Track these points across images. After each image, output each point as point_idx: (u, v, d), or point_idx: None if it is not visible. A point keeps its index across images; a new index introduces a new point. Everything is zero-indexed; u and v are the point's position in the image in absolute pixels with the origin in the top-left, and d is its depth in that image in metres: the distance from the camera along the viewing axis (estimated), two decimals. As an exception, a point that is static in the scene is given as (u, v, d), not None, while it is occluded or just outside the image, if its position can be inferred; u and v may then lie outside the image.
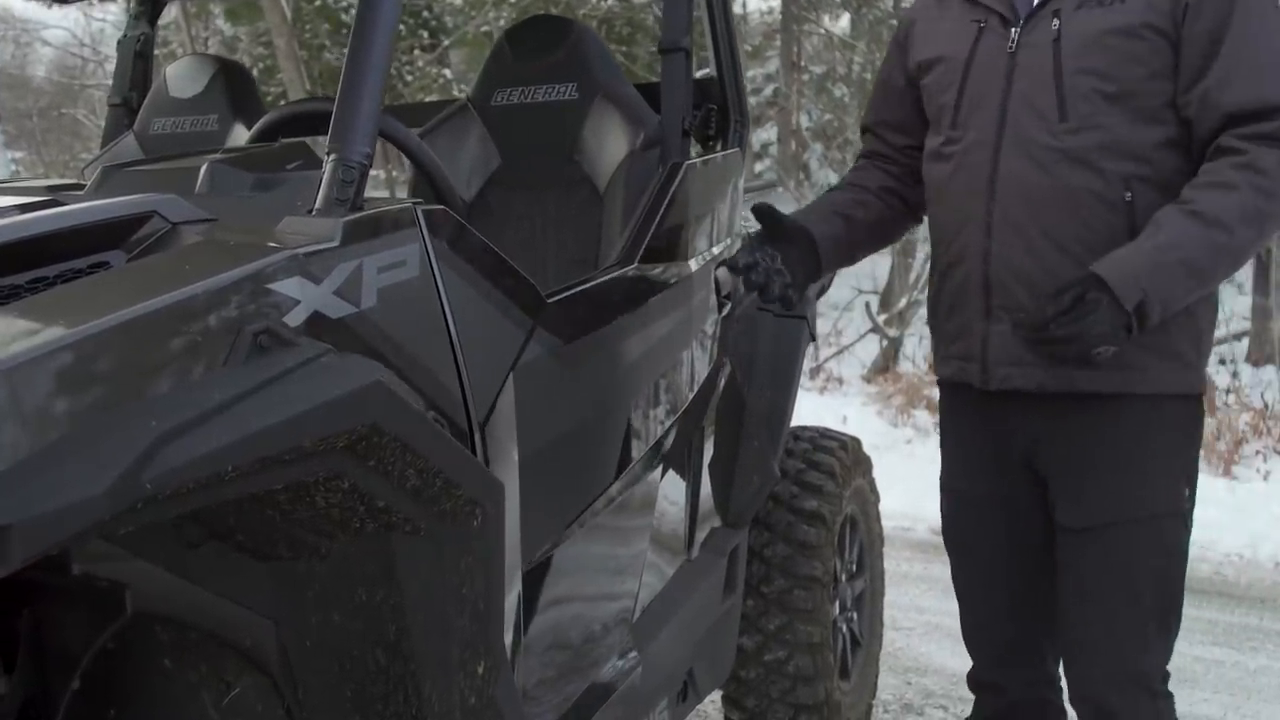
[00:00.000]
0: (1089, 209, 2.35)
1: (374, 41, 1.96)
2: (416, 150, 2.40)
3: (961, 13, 2.54)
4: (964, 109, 2.49)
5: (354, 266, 1.79)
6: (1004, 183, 2.41)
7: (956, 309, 2.54)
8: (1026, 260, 2.39)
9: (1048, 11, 2.41)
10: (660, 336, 2.75)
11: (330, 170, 1.88)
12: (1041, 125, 2.38)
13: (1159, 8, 2.31)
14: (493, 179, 3.29)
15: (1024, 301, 2.37)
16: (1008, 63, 2.43)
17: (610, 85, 3.20)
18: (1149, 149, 2.34)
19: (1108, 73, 2.33)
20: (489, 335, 2.10)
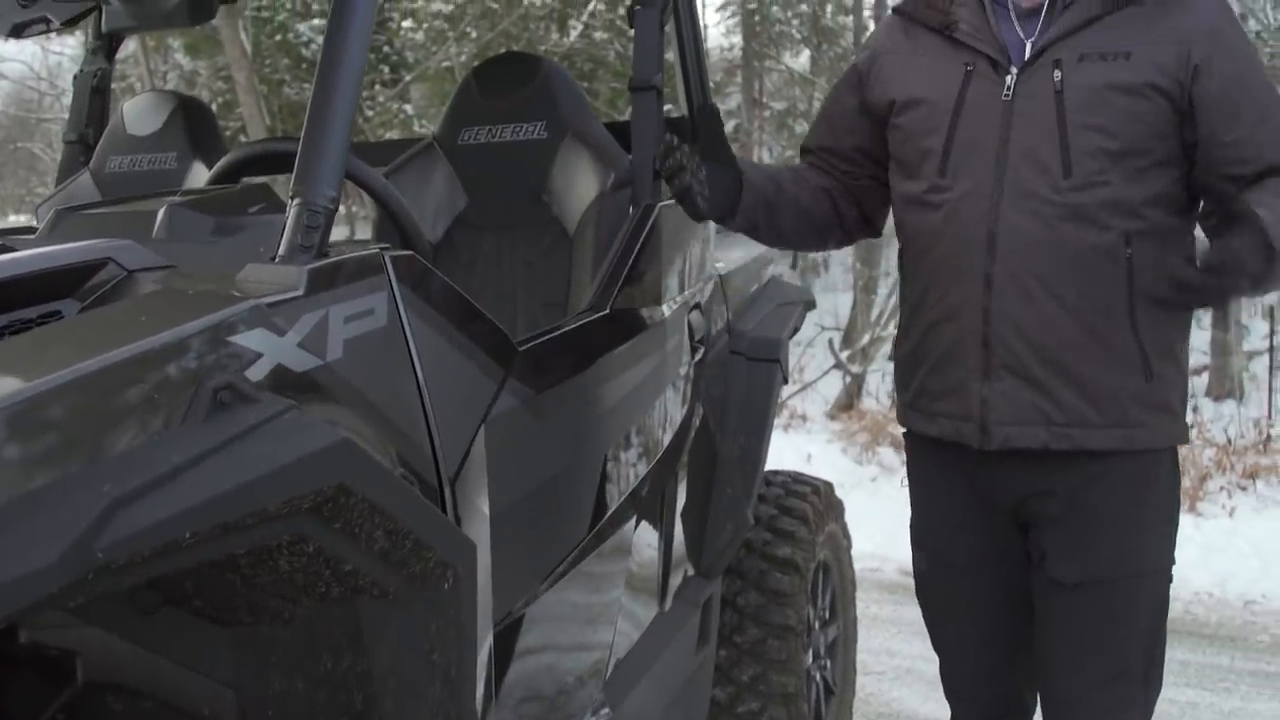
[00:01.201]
0: (1092, 265, 2.29)
1: (340, 82, 1.89)
2: (382, 192, 2.33)
3: (942, 51, 2.44)
4: (953, 157, 2.39)
5: (319, 316, 1.71)
6: (1005, 238, 2.32)
7: (946, 365, 2.44)
8: (1029, 318, 2.32)
9: (1047, 61, 2.32)
10: (634, 384, 2.67)
11: (294, 215, 1.80)
12: (1045, 180, 2.30)
13: (1165, 68, 2.26)
14: (459, 219, 3.22)
15: (1027, 360, 2.32)
16: (1003, 111, 2.34)
17: (580, 124, 3.13)
18: (1146, 205, 2.30)
19: (1112, 130, 2.27)
20: (459, 386, 2.02)
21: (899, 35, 2.55)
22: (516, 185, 3.14)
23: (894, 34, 2.57)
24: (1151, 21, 2.29)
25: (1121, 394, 2.33)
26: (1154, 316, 2.31)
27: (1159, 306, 2.30)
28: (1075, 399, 2.33)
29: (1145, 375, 2.32)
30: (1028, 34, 2.37)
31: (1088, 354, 2.31)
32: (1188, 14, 2.29)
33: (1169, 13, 2.29)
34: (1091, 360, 2.31)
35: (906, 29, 2.53)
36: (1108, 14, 2.31)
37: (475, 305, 2.07)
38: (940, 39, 2.45)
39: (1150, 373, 2.32)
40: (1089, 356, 2.31)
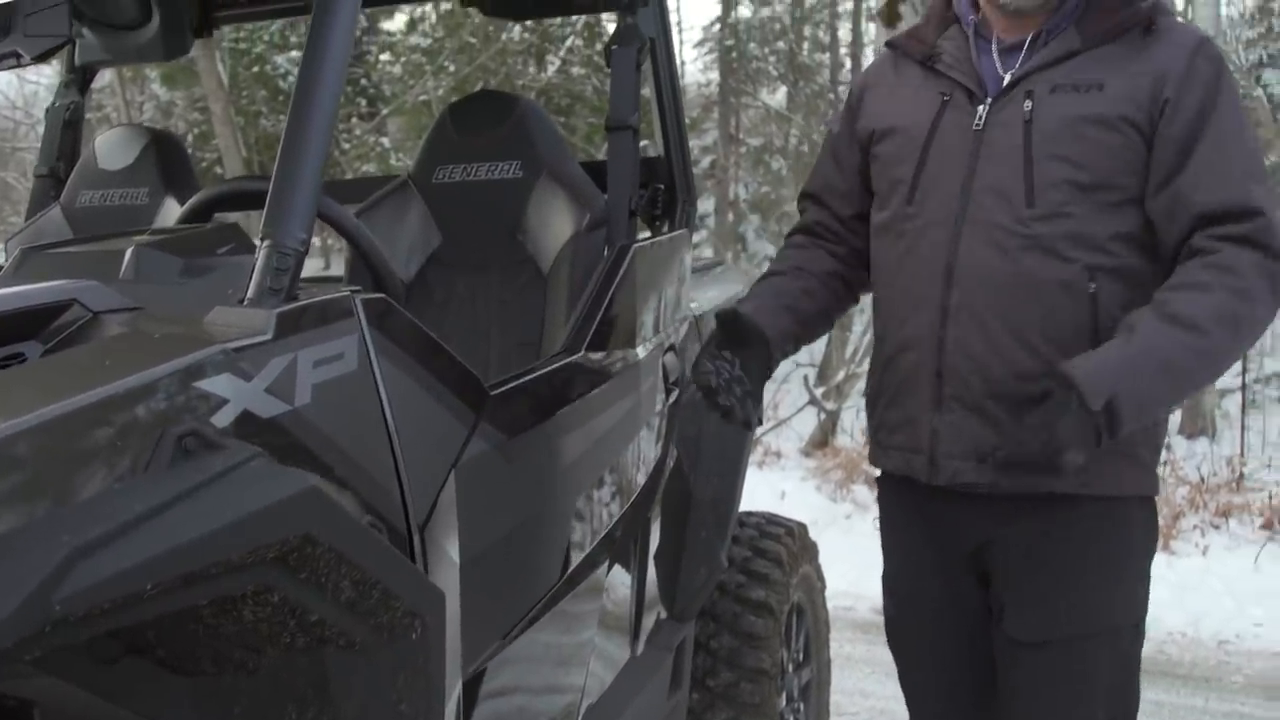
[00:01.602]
0: (1052, 299, 2.24)
1: (313, 122, 1.87)
2: (355, 232, 2.31)
3: (923, 82, 2.43)
4: (921, 186, 2.37)
5: (288, 361, 1.68)
6: (964, 268, 2.29)
7: (902, 397, 2.41)
8: (984, 349, 2.28)
9: (1019, 92, 2.30)
10: (608, 427, 2.65)
11: (264, 257, 1.78)
12: (1007, 210, 2.26)
13: (1138, 102, 2.23)
14: (433, 258, 3.20)
15: (979, 393, 2.28)
16: (973, 141, 2.32)
17: (555, 163, 3.12)
18: (1113, 241, 2.25)
19: (1081, 161, 2.24)
20: (430, 431, 1.99)
21: (887, 68, 2.55)
22: (491, 224, 3.12)
23: (883, 67, 2.57)
24: (1131, 55, 2.26)
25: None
26: None
27: None
28: (1024, 434, 2.22)
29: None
30: (1007, 67, 2.35)
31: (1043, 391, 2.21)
32: (1167, 48, 2.26)
33: (1149, 46, 2.27)
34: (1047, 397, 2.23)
35: (895, 62, 2.53)
36: (1089, 49, 2.28)
37: (447, 349, 2.05)
38: (923, 70, 2.44)
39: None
40: (1044, 393, 2.20)
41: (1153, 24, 2.27)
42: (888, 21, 8.98)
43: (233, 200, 2.58)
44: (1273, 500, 8.16)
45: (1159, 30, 2.27)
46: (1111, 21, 2.28)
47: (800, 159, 18.26)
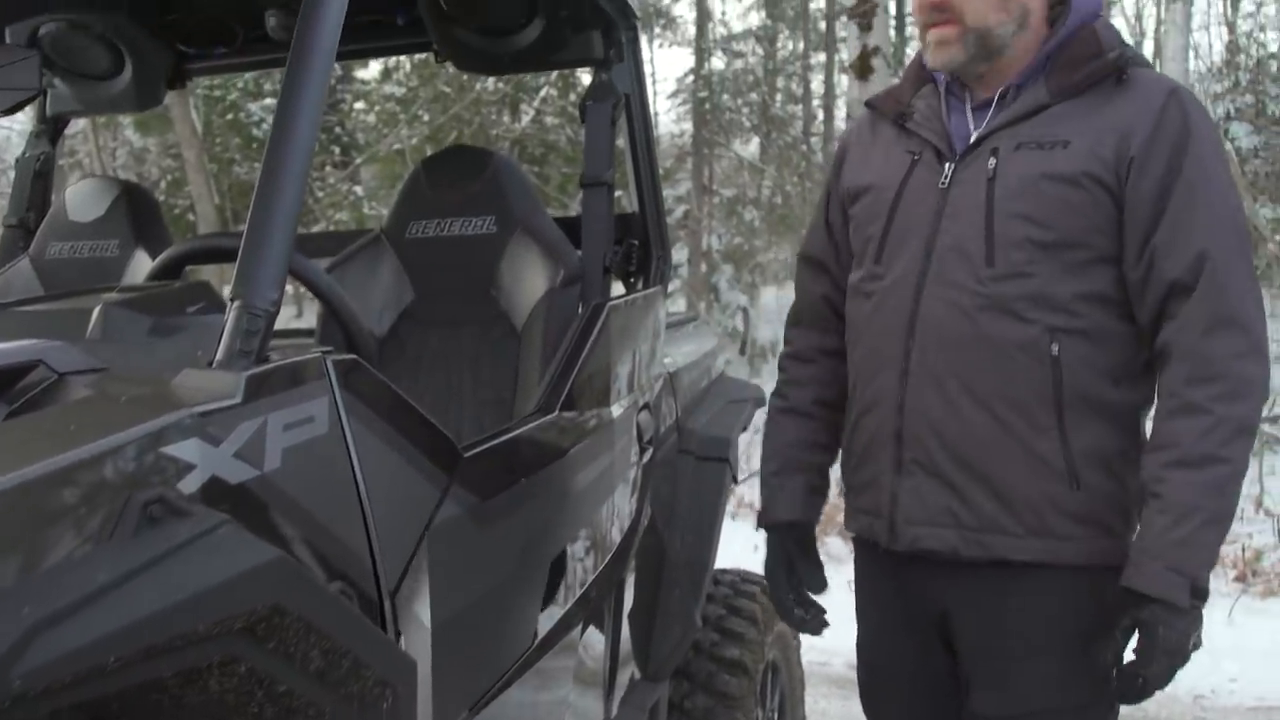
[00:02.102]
0: (1012, 361, 2.18)
1: (285, 180, 1.84)
2: (327, 291, 2.28)
3: (895, 141, 2.40)
4: (889, 244, 2.33)
5: (257, 425, 1.65)
6: (924, 327, 2.24)
7: (866, 460, 2.37)
8: (942, 412, 2.23)
9: (985, 149, 2.25)
10: (582, 488, 2.62)
11: (234, 318, 1.75)
12: (967, 269, 2.21)
13: (1103, 158, 2.16)
14: (406, 314, 3.17)
15: (937, 457, 2.23)
16: (938, 199, 2.27)
17: (529, 219, 3.10)
18: (1077, 302, 2.18)
19: (1043, 220, 2.17)
20: (401, 495, 1.96)
21: (866, 129, 2.52)
22: (465, 280, 3.10)
23: (862, 127, 2.54)
24: (1098, 109, 2.21)
25: (1042, 502, 2.19)
26: (1088, 422, 2.19)
27: (1097, 412, 2.20)
28: (990, 503, 2.20)
29: (1070, 484, 2.18)
30: (977, 125, 2.31)
31: (1005, 456, 2.19)
32: (1134, 101, 2.19)
33: (1117, 99, 2.21)
34: (1008, 463, 2.19)
35: (874, 122, 2.49)
36: (1055, 104, 2.24)
37: (419, 410, 2.02)
38: (895, 129, 2.41)
39: (1077, 481, 2.18)
40: (1006, 459, 2.19)
41: (1123, 75, 2.21)
42: (860, 75, 9.04)
43: (204, 256, 2.55)
44: (1245, 553, 8.16)
45: (1129, 81, 2.21)
46: (1079, 74, 2.23)
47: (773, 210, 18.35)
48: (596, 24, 3.17)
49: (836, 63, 17.94)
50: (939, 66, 2.30)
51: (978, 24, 2.24)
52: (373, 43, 3.58)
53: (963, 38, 2.25)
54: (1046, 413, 2.18)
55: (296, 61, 1.93)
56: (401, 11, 3.40)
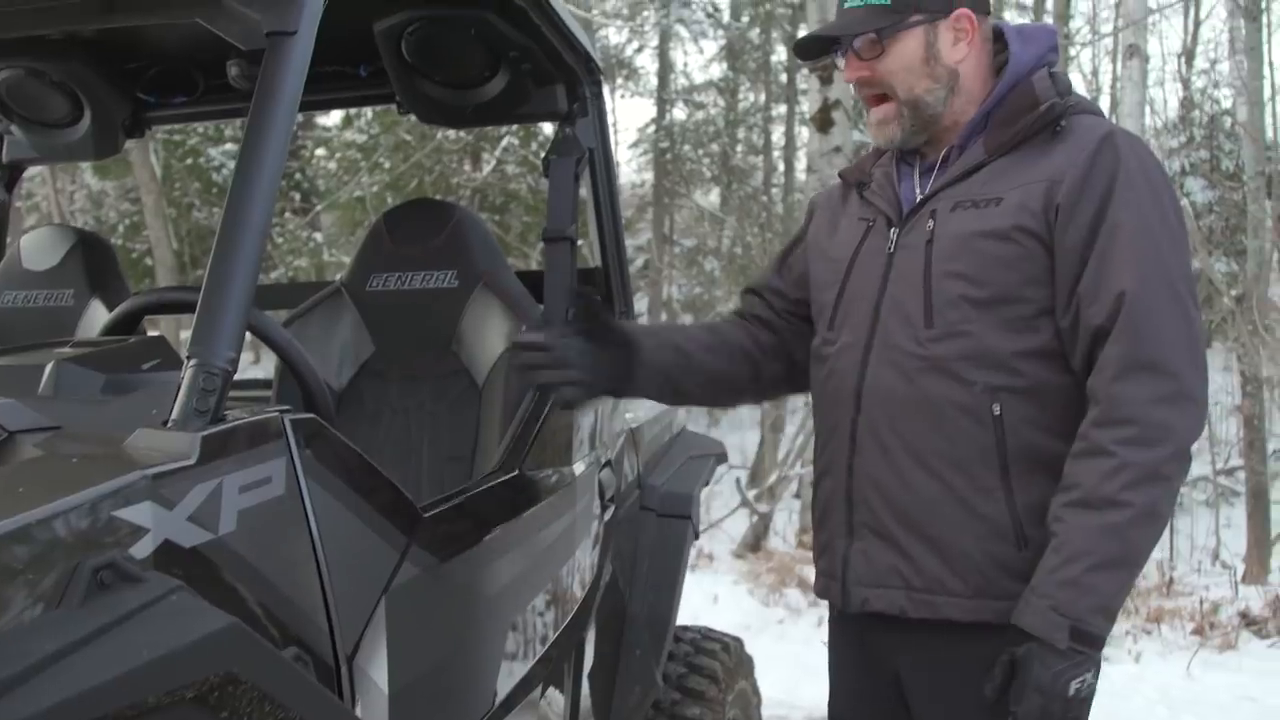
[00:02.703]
0: (953, 422, 2.17)
1: (245, 235, 1.82)
2: (286, 348, 2.25)
3: (855, 208, 2.43)
4: (840, 310, 2.35)
5: (212, 487, 1.62)
6: (869, 391, 2.26)
7: (824, 523, 2.38)
8: (887, 474, 2.22)
9: (925, 213, 2.27)
10: (544, 548, 2.59)
11: (190, 377, 1.71)
12: (908, 332, 2.22)
13: (1031, 209, 2.15)
14: (365, 368, 3.14)
15: (884, 519, 2.23)
16: (885, 264, 2.29)
17: (492, 274, 3.08)
18: (1018, 359, 2.15)
19: (977, 277, 2.16)
20: (360, 556, 1.92)
21: (836, 197, 2.54)
22: (425, 334, 3.08)
23: (832, 195, 2.56)
24: (1030, 164, 2.20)
25: (987, 562, 2.16)
26: (1033, 480, 2.15)
27: (1042, 469, 2.15)
28: (936, 565, 2.18)
29: (1018, 544, 2.15)
30: (923, 188, 2.32)
31: (949, 517, 2.17)
32: (1067, 150, 2.18)
33: (1051, 150, 2.20)
34: (953, 524, 2.17)
35: (844, 192, 2.51)
36: (991, 160, 2.24)
37: (379, 469, 1.99)
38: (857, 198, 2.44)
39: (1024, 541, 2.15)
40: (951, 519, 2.17)
41: (1059, 124, 2.21)
42: (821, 127, 9.10)
43: (162, 309, 2.51)
44: (1203, 605, 8.19)
45: (1065, 130, 2.20)
46: (1012, 130, 2.23)
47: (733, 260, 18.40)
48: (560, 78, 3.17)
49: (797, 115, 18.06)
50: (883, 145, 2.35)
51: (908, 96, 2.28)
52: (334, 93, 3.56)
53: (899, 114, 2.29)
54: (990, 473, 2.16)
55: (259, 114, 1.91)
56: (364, 63, 3.38)
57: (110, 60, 3.36)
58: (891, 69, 2.27)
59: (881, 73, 2.27)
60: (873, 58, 2.27)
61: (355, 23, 2.96)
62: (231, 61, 3.20)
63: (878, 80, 2.28)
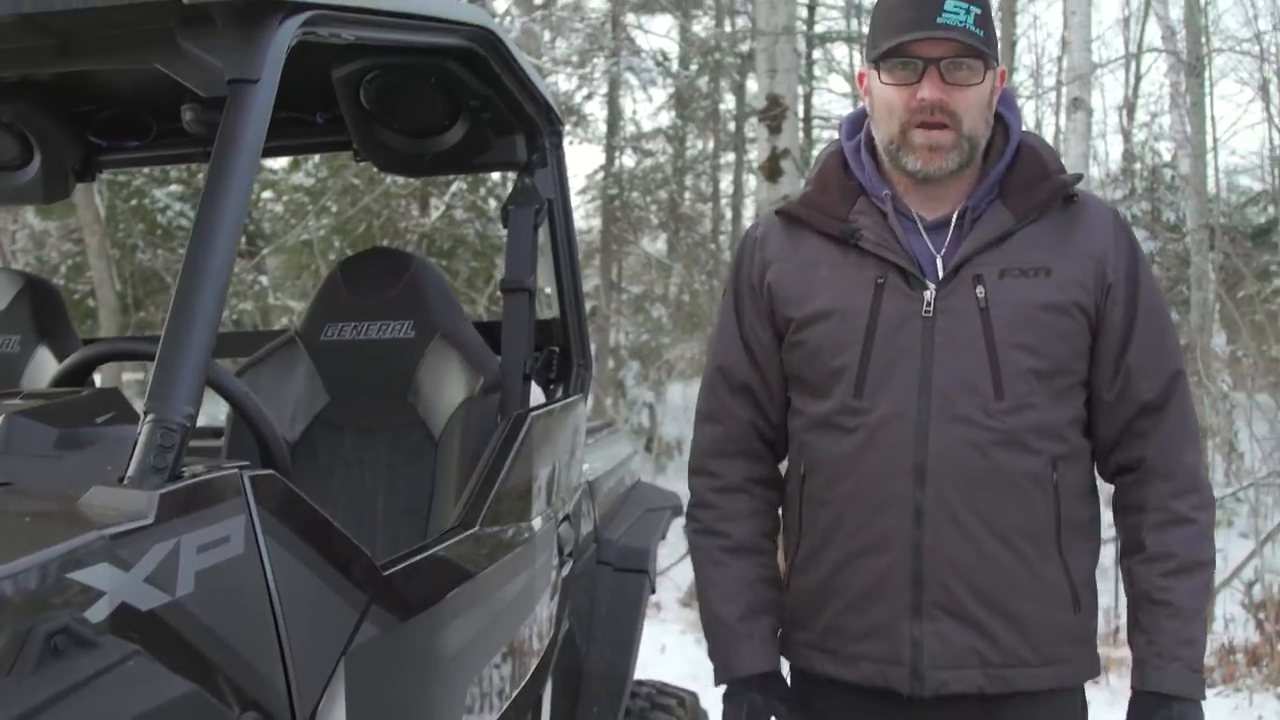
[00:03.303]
0: (1025, 493, 2.19)
1: (205, 286, 1.78)
2: (244, 402, 2.21)
3: (843, 260, 2.28)
4: (871, 376, 2.22)
5: (170, 547, 1.57)
6: (936, 465, 2.17)
7: (867, 604, 2.24)
8: (965, 552, 2.17)
9: (966, 276, 2.21)
10: (504, 606, 2.54)
11: (147, 432, 1.67)
12: (976, 403, 2.17)
13: (1085, 286, 2.21)
14: (319, 418, 3.09)
15: (964, 599, 2.18)
16: (924, 329, 2.20)
17: (449, 325, 3.05)
18: (1067, 428, 2.24)
19: (1041, 349, 2.19)
20: (319, 617, 1.88)
21: (784, 242, 2.37)
22: (381, 385, 3.03)
23: (779, 240, 2.38)
24: (1063, 235, 2.23)
25: (1055, 629, 2.22)
26: (1077, 544, 2.25)
27: (1080, 532, 2.27)
28: (1013, 638, 2.19)
29: (1075, 607, 2.24)
30: (937, 247, 2.25)
31: (1024, 588, 2.19)
32: (1094, 229, 2.25)
33: (1076, 221, 2.25)
34: (1028, 595, 2.19)
35: (791, 234, 2.36)
36: (1021, 227, 2.23)
37: (338, 528, 1.95)
38: (840, 248, 2.30)
39: (1079, 604, 2.24)
40: (1025, 591, 2.19)
41: (1073, 195, 2.27)
42: (769, 176, 9.12)
43: (115, 359, 2.46)
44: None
45: (1079, 202, 2.27)
46: (1038, 198, 2.24)
47: (680, 307, 18.41)
48: (520, 128, 3.15)
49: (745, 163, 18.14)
50: (930, 172, 2.22)
51: (971, 131, 2.22)
52: (290, 140, 3.52)
53: (958, 144, 2.22)
54: (1049, 540, 2.22)
55: (220, 162, 1.88)
56: (321, 110, 3.35)
57: (62, 103, 3.32)
58: (972, 101, 2.20)
59: (961, 103, 2.19)
60: (961, 84, 2.18)
61: (313, 69, 2.93)
62: (186, 106, 3.16)
63: (952, 109, 2.19)
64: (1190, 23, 13.14)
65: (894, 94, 2.21)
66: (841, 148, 2.39)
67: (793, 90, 9.41)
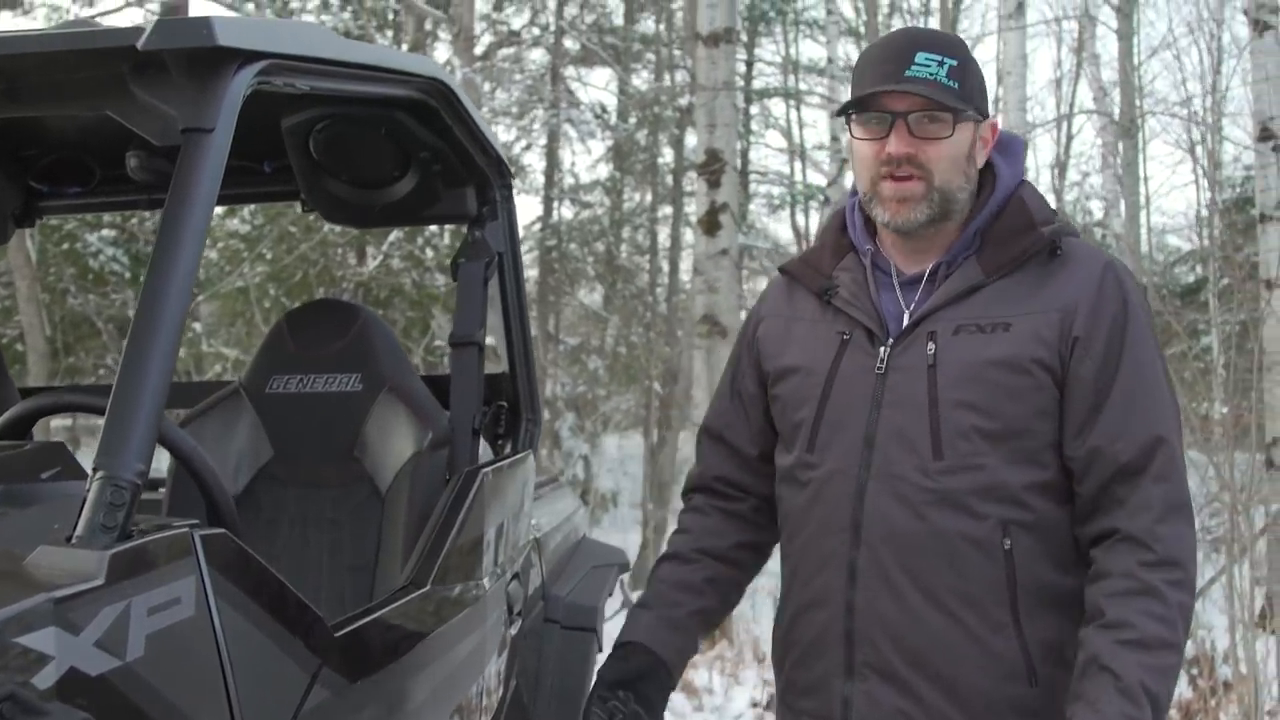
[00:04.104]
0: (964, 557, 2.09)
1: (158, 340, 1.74)
2: (190, 456, 2.16)
3: (820, 317, 2.28)
4: (822, 431, 2.20)
5: (120, 609, 1.53)
6: (870, 524, 2.13)
7: (810, 660, 2.22)
8: (895, 613, 2.11)
9: (921, 333, 2.16)
10: (454, 666, 2.49)
11: (96, 490, 1.62)
12: (914, 462, 2.11)
13: (1047, 341, 2.09)
14: (263, 472, 3.03)
15: (893, 660, 2.12)
16: (875, 385, 2.17)
17: (397, 378, 3.01)
18: (1027, 493, 2.10)
19: (988, 408, 2.09)
20: (270, 680, 1.83)
21: (781, 298, 2.40)
22: (326, 439, 2.99)
23: (778, 296, 2.41)
24: (1036, 289, 2.14)
25: (1000, 700, 2.10)
26: (1043, 615, 2.11)
27: (1050, 604, 2.11)
28: (942, 702, 2.10)
29: (1029, 680, 2.09)
30: (908, 303, 2.21)
31: (960, 655, 2.09)
32: (1072, 279, 2.14)
33: (1054, 276, 2.15)
34: (964, 662, 2.09)
35: (789, 291, 2.38)
36: (991, 282, 2.16)
37: (289, 587, 1.90)
38: (819, 304, 2.30)
39: (1034, 678, 2.09)
40: (961, 658, 2.09)
41: (1056, 249, 2.17)
42: (708, 230, 9.14)
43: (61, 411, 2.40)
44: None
45: (1063, 255, 2.17)
46: (1013, 252, 2.17)
47: (617, 359, 18.41)
48: (470, 180, 3.12)
49: (683, 216, 18.21)
50: (899, 224, 2.18)
51: (944, 184, 2.16)
52: (235, 189, 3.47)
53: (928, 196, 2.16)
54: (1001, 609, 2.10)
55: (173, 212, 1.85)
56: (269, 159, 3.31)
57: (3, 148, 3.25)
58: (943, 154, 2.14)
59: (931, 155, 2.14)
60: (929, 137, 2.14)
61: (262, 118, 2.90)
62: (131, 153, 3.11)
63: (922, 161, 2.14)
64: (1125, 84, 13.37)
65: (865, 147, 2.19)
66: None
67: (732, 145, 9.47)
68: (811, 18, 20.72)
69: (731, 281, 9.25)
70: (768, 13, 20.84)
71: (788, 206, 22.61)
